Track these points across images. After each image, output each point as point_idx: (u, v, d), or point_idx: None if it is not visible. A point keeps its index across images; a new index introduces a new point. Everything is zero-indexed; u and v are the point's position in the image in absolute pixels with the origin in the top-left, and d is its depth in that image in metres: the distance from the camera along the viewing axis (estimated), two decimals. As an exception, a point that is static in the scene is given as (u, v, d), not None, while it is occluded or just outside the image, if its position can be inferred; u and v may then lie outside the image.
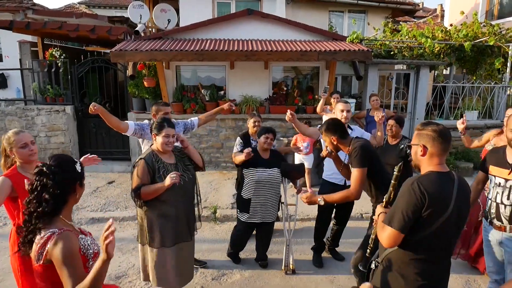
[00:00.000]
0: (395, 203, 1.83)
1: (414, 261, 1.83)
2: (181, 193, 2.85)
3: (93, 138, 7.54)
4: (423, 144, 1.84)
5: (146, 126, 3.58)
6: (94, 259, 1.72)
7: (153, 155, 2.82)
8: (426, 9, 19.39)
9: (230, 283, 3.62)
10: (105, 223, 5.10)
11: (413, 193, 1.74)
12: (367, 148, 2.72)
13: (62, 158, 1.77)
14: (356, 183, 2.67)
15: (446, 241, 1.84)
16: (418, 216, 1.74)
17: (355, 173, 2.68)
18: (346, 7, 10.16)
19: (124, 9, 17.17)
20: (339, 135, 2.82)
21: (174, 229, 2.86)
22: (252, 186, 3.61)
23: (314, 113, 7.01)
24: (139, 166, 2.76)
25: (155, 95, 7.15)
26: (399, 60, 7.53)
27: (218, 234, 4.71)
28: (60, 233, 1.61)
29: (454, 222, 1.79)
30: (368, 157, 2.68)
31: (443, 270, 1.90)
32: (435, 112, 7.98)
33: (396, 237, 1.78)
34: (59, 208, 1.70)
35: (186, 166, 3.00)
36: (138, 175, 2.73)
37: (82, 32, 7.14)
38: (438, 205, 1.74)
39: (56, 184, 1.66)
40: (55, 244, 1.57)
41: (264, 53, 6.27)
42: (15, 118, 7.26)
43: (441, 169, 1.84)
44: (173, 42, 6.78)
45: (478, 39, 7.61)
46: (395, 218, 1.78)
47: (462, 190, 1.83)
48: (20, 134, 2.55)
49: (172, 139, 2.83)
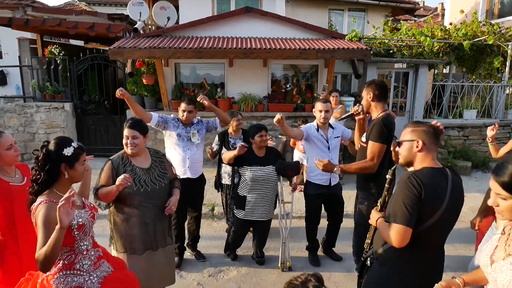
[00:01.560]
0: (395, 201, 1.83)
1: (409, 256, 1.84)
2: (150, 199, 2.67)
3: (92, 135, 7.56)
4: (422, 140, 1.86)
5: (170, 120, 3.67)
6: (80, 229, 1.95)
7: (122, 158, 2.70)
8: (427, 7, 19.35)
9: (226, 279, 3.63)
10: (103, 219, 5.11)
11: (411, 185, 1.76)
12: (390, 126, 2.68)
13: (56, 141, 1.99)
14: (373, 155, 2.65)
15: (440, 236, 1.87)
16: (418, 208, 1.75)
17: (374, 146, 2.66)
18: (346, 5, 10.15)
19: (124, 6, 17.11)
20: (378, 93, 2.83)
21: (142, 235, 2.68)
22: (248, 184, 3.61)
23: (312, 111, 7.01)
24: (105, 166, 2.68)
25: (154, 93, 7.16)
26: (398, 58, 7.53)
27: (215, 231, 4.72)
28: (45, 202, 1.86)
29: (448, 218, 1.81)
30: (390, 135, 2.66)
31: (436, 262, 1.93)
32: (434, 111, 7.99)
33: (404, 233, 1.75)
34: (48, 182, 1.95)
35: (162, 173, 2.82)
36: (100, 176, 2.66)
37: (81, 29, 7.15)
38: (434, 198, 1.76)
39: (38, 162, 1.94)
40: (39, 211, 1.84)
41: (263, 51, 6.28)
42: (14, 115, 7.27)
43: (435, 165, 1.86)
44: (172, 39, 6.78)
45: (478, 38, 7.61)
46: (398, 213, 1.77)
47: (456, 186, 1.85)
48: (3, 136, 2.43)
49: (132, 140, 2.66)
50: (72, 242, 1.94)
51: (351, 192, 4.87)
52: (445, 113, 8.03)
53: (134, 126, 2.72)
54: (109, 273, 2.14)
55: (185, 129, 3.69)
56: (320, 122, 3.68)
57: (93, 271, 2.05)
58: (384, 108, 2.86)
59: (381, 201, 2.07)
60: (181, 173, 3.53)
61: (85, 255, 2.02)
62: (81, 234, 1.96)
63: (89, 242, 2.06)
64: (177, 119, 3.73)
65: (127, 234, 2.68)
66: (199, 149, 3.78)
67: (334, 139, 3.74)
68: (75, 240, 1.94)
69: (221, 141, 4.19)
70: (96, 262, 2.09)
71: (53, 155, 1.94)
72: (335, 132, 3.76)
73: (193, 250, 4.01)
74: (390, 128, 2.73)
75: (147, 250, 2.73)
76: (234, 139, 4.22)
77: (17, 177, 2.50)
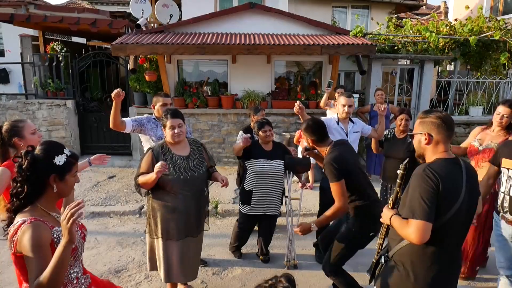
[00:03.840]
0: (411, 196, 1.74)
1: (427, 254, 1.76)
2: (189, 186, 2.77)
3: (94, 133, 7.49)
4: (428, 132, 1.79)
5: (145, 121, 3.46)
6: (72, 253, 1.65)
7: (162, 146, 2.81)
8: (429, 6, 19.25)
9: (231, 277, 3.57)
10: (105, 218, 5.07)
11: (427, 178, 1.68)
12: (339, 161, 2.63)
13: (46, 146, 1.69)
14: (338, 197, 2.62)
15: (458, 230, 1.78)
16: (436, 201, 1.66)
17: (334, 187, 2.62)
18: (349, 2, 10.07)
19: (126, 5, 17.10)
20: (316, 138, 2.80)
21: (180, 222, 2.79)
22: (254, 178, 3.56)
23: (317, 108, 6.95)
24: (145, 155, 2.78)
25: (157, 89, 7.09)
26: (403, 54, 7.44)
27: (219, 229, 4.66)
28: (30, 221, 1.54)
29: (466, 209, 1.73)
30: (342, 168, 2.62)
31: (454, 262, 1.84)
32: (439, 108, 7.89)
33: (424, 228, 1.64)
34: (32, 196, 1.63)
35: (200, 161, 2.91)
36: (141, 164, 2.75)
37: (83, 25, 7.09)
38: (451, 189, 1.68)
39: (22, 171, 1.61)
40: (23, 232, 1.52)
41: (266, 47, 6.20)
42: (16, 112, 7.22)
43: (448, 156, 1.79)
44: (175, 35, 6.72)
45: (484, 33, 7.50)
46: (417, 208, 1.67)
47: (471, 176, 1.78)
48: (27, 121, 2.54)
49: (179, 129, 2.75)
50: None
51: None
52: (451, 110, 7.94)
53: (177, 115, 2.80)
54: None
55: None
56: (341, 116, 3.80)
57: None
58: (328, 143, 2.81)
59: (393, 198, 1.99)
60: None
61: (75, 284, 1.73)
62: (72, 259, 1.68)
63: (80, 268, 1.78)
64: (153, 119, 3.49)
65: (165, 220, 2.78)
66: None
67: (353, 133, 3.84)
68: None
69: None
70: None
71: (41, 164, 1.62)
72: (355, 127, 3.86)
73: None
74: (340, 160, 2.66)
75: (183, 238, 2.83)
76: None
77: None
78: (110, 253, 4.02)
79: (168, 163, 2.68)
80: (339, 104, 3.79)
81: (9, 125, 2.46)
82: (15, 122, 2.49)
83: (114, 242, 4.27)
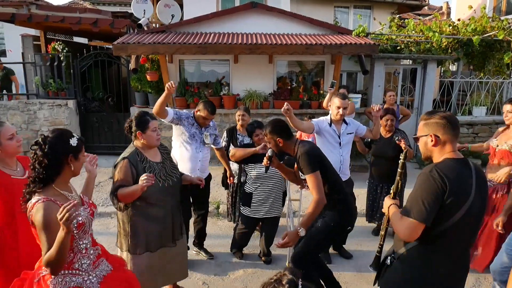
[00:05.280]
0: (414, 194, 1.72)
1: (435, 256, 1.71)
2: (169, 193, 2.65)
3: (96, 133, 7.48)
4: (434, 133, 1.76)
5: (184, 116, 3.54)
6: (79, 228, 1.85)
7: (138, 154, 2.58)
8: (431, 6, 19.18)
9: (233, 279, 3.53)
10: (106, 218, 5.03)
11: (433, 180, 1.64)
12: (313, 152, 2.65)
13: (59, 132, 1.90)
14: (316, 189, 2.57)
15: (468, 232, 1.73)
16: (440, 204, 1.63)
17: (311, 179, 2.57)
18: (351, 2, 10.04)
19: (128, 6, 17.11)
20: (284, 137, 2.75)
21: (159, 233, 2.65)
22: (254, 181, 3.53)
23: (319, 108, 6.91)
24: (121, 166, 2.49)
25: (158, 89, 7.06)
26: (406, 54, 7.39)
27: (221, 230, 4.63)
28: (43, 201, 1.75)
29: (476, 211, 1.69)
30: (317, 160, 2.63)
31: (463, 265, 1.79)
32: (442, 108, 7.84)
33: (416, 228, 1.66)
34: (50, 177, 1.83)
35: (173, 165, 2.81)
36: (119, 176, 2.47)
37: (85, 25, 7.08)
38: (460, 191, 1.64)
39: (45, 155, 1.80)
40: (36, 211, 1.73)
41: (268, 47, 6.17)
42: (17, 112, 7.20)
43: (456, 156, 1.75)
44: (176, 35, 6.69)
45: (487, 33, 7.46)
46: (414, 208, 1.67)
47: (481, 176, 1.74)
48: (4, 125, 2.34)
49: (159, 132, 2.67)
50: (71, 241, 1.84)
51: (358, 190, 4.77)
52: (454, 110, 7.89)
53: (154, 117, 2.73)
54: (108, 272, 2.06)
55: (199, 129, 3.60)
56: (335, 118, 3.60)
57: (92, 271, 1.97)
58: (294, 140, 2.78)
59: (394, 188, 2.00)
60: (190, 173, 3.43)
61: (84, 254, 1.93)
62: (80, 233, 1.87)
63: (89, 240, 1.98)
64: (191, 116, 3.60)
65: (146, 232, 2.60)
66: (208, 150, 3.74)
67: (346, 135, 3.65)
68: (74, 239, 1.86)
69: (229, 138, 4.09)
70: (95, 261, 2.01)
71: (59, 146, 1.84)
72: (349, 128, 3.67)
73: (200, 249, 3.92)
74: (315, 151, 2.68)
75: (162, 247, 2.70)
76: (242, 136, 4.11)
77: (19, 170, 2.40)
78: (111, 253, 3.97)
79: (149, 172, 2.50)
80: (333, 105, 3.58)
81: None
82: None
83: (115, 242, 4.22)
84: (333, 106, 3.59)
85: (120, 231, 2.68)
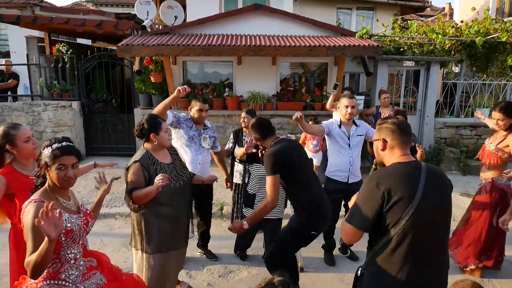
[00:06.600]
0: (357, 200, 1.79)
1: (395, 259, 1.71)
2: (181, 193, 2.69)
3: (99, 134, 7.50)
4: (383, 138, 1.82)
5: (182, 120, 3.59)
6: (67, 235, 1.80)
7: (149, 157, 2.61)
8: (434, 8, 19.18)
9: (237, 280, 3.54)
10: (111, 219, 5.04)
11: (372, 187, 1.71)
12: (279, 155, 2.69)
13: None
14: (270, 191, 2.64)
15: (428, 233, 1.72)
16: (380, 210, 1.68)
17: (268, 181, 2.67)
18: (354, 4, 10.04)
19: (131, 7, 17.15)
20: (259, 136, 2.88)
21: (172, 232, 2.69)
22: (257, 182, 3.54)
23: (322, 109, 6.93)
24: (134, 169, 2.55)
25: (162, 91, 7.10)
26: (409, 56, 7.40)
27: (225, 231, 4.63)
28: (34, 201, 1.75)
29: (429, 210, 1.69)
30: (280, 162, 2.67)
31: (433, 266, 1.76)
32: (445, 110, 7.84)
33: (353, 234, 1.76)
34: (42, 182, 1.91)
35: (182, 165, 2.84)
36: (132, 179, 2.53)
37: (89, 27, 7.11)
38: (402, 194, 1.66)
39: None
40: (28, 210, 1.73)
41: (272, 48, 6.19)
42: (22, 114, 7.24)
43: (407, 160, 1.79)
44: (180, 37, 6.72)
45: (490, 35, 7.45)
46: (354, 215, 1.76)
47: (433, 178, 1.74)
48: (21, 128, 2.41)
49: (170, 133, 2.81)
50: (58, 249, 1.79)
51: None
52: (457, 112, 7.88)
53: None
54: (100, 285, 1.98)
55: (197, 131, 3.63)
56: (344, 118, 3.62)
57: (81, 283, 1.89)
58: (273, 139, 2.86)
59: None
60: None
61: (72, 264, 1.87)
62: (68, 240, 1.81)
63: (78, 250, 1.91)
64: (189, 119, 3.63)
65: (160, 233, 2.64)
66: (208, 152, 3.78)
67: (356, 136, 3.65)
68: (62, 247, 1.80)
69: (235, 139, 4.10)
70: (85, 273, 1.94)
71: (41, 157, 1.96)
72: (359, 130, 3.67)
73: (204, 250, 3.94)
74: (280, 155, 2.71)
75: (181, 247, 2.80)
76: (248, 137, 4.13)
77: (36, 170, 2.45)
78: (116, 254, 4.01)
79: (161, 173, 2.53)
80: (342, 106, 3.62)
81: (2, 131, 2.37)
82: (8, 129, 2.38)
83: (119, 243, 4.26)
84: (341, 107, 3.63)
85: (134, 231, 2.73)
